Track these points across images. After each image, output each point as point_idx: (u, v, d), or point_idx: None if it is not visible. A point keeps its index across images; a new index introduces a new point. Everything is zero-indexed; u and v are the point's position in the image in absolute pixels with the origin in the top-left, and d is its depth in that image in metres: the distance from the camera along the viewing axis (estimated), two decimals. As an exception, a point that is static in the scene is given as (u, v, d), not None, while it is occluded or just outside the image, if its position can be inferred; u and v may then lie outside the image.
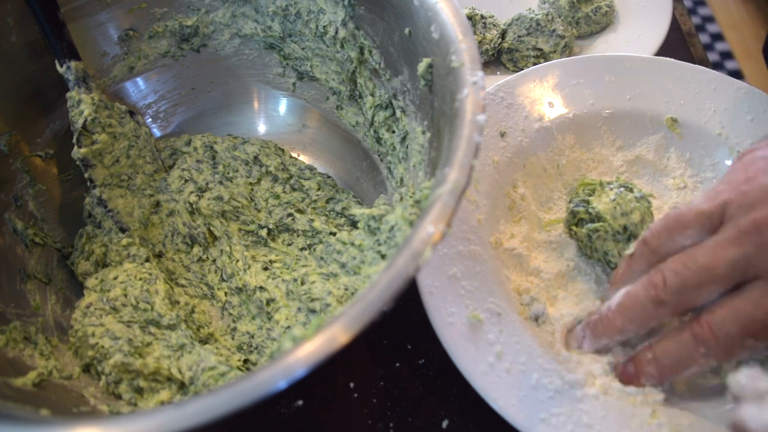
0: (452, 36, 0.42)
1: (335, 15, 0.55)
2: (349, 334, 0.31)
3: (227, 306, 0.55)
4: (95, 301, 0.52)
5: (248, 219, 0.59)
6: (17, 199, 0.55)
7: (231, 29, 0.63)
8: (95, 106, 0.56)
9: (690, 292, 0.41)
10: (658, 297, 0.42)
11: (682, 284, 0.41)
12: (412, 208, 0.41)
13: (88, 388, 0.47)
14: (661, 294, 0.42)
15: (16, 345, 0.47)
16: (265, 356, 0.51)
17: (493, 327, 0.47)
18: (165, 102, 0.65)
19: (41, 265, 0.54)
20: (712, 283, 0.40)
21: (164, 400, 0.47)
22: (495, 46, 0.76)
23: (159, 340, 0.50)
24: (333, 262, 0.52)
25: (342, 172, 0.64)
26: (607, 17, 0.78)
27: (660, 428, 0.43)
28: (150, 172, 0.61)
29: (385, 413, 0.50)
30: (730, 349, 0.40)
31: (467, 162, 0.36)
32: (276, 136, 0.66)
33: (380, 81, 0.55)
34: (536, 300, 0.51)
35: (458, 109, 0.39)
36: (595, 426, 0.43)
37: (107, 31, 0.60)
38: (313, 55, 0.61)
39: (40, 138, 0.57)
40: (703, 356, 0.41)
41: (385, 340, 0.53)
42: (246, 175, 0.61)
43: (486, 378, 0.44)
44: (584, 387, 0.45)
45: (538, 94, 0.59)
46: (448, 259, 0.49)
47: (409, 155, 0.50)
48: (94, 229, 0.58)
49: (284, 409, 0.50)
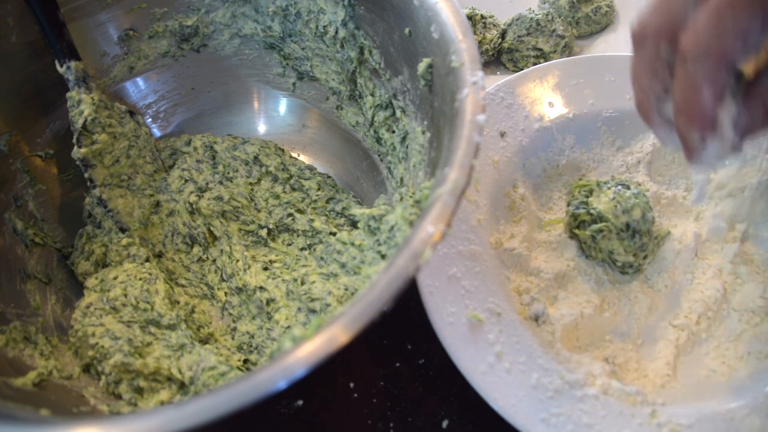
0: (452, 36, 0.42)
1: (335, 15, 0.55)
2: (349, 334, 0.31)
3: (227, 306, 0.55)
4: (95, 301, 0.52)
5: (248, 219, 0.59)
6: (17, 199, 0.55)
7: (231, 29, 0.63)
8: (95, 106, 0.56)
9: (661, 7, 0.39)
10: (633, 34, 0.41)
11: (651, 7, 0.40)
12: (412, 208, 0.41)
13: (88, 388, 0.47)
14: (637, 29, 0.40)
15: (16, 345, 0.47)
16: (265, 356, 0.51)
17: (493, 327, 0.47)
18: (165, 102, 0.65)
19: (41, 265, 0.54)
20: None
21: (164, 400, 0.47)
22: (495, 46, 0.76)
23: (159, 340, 0.50)
24: (333, 262, 0.52)
25: (342, 172, 0.64)
26: (607, 17, 0.78)
27: (660, 428, 0.43)
28: (150, 172, 0.61)
29: (385, 413, 0.50)
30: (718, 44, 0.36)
31: (467, 162, 0.36)
32: (276, 136, 0.66)
33: (380, 81, 0.55)
34: (536, 300, 0.51)
35: (458, 109, 0.39)
36: (595, 426, 0.43)
37: (107, 31, 0.60)
38: (313, 55, 0.61)
39: (40, 138, 0.57)
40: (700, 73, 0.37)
41: (385, 340, 0.53)
42: (246, 175, 0.61)
43: (486, 378, 0.44)
44: (584, 387, 0.45)
45: (538, 94, 0.59)
46: (448, 259, 0.49)
47: (409, 155, 0.50)
48: (94, 229, 0.58)
49: (284, 409, 0.50)
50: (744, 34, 0.35)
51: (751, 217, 0.54)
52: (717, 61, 0.37)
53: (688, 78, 0.38)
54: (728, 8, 0.35)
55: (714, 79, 0.37)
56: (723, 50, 0.36)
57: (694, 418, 0.44)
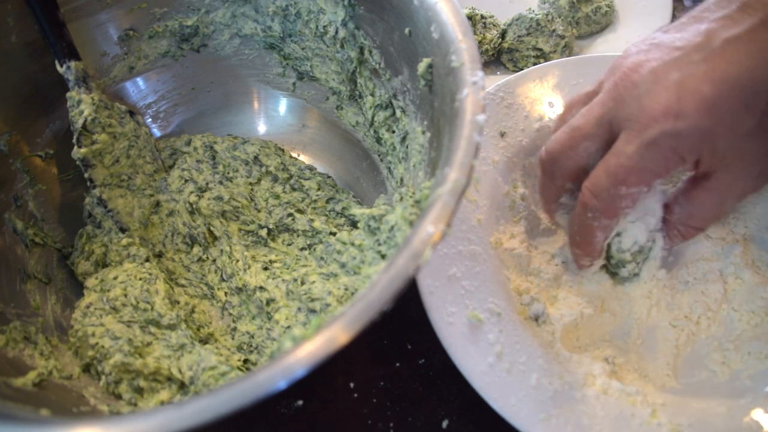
0: (452, 36, 0.42)
1: (335, 15, 0.55)
2: (349, 334, 0.31)
3: (227, 306, 0.55)
4: (95, 301, 0.52)
5: (248, 219, 0.59)
6: (17, 199, 0.55)
7: (231, 29, 0.63)
8: (95, 106, 0.56)
9: (568, 152, 0.46)
10: (541, 161, 0.48)
11: (561, 146, 0.46)
12: (412, 208, 0.41)
13: (88, 388, 0.47)
14: (542, 156, 0.48)
15: (16, 345, 0.47)
16: (265, 356, 0.51)
17: (493, 327, 0.47)
18: (165, 102, 0.65)
19: (41, 265, 0.54)
20: (584, 139, 0.45)
21: (164, 400, 0.47)
22: (495, 46, 0.76)
23: (159, 340, 0.50)
24: (333, 262, 0.52)
25: (342, 172, 0.64)
26: (607, 17, 0.78)
27: (660, 428, 0.43)
28: (150, 172, 0.61)
29: (385, 413, 0.50)
30: (610, 202, 0.44)
31: (467, 162, 0.36)
32: (276, 136, 0.66)
33: (380, 81, 0.55)
34: (536, 300, 0.51)
35: (458, 109, 0.39)
36: (595, 426, 0.43)
37: (107, 31, 0.60)
38: (313, 55, 0.61)
39: (40, 138, 0.57)
40: (593, 219, 0.46)
41: (385, 340, 0.53)
42: (246, 175, 0.61)
43: (486, 378, 0.44)
44: (584, 387, 0.45)
45: (538, 94, 0.59)
46: (448, 259, 0.49)
47: (409, 155, 0.50)
48: (94, 229, 0.58)
49: (284, 409, 0.50)
50: (633, 199, 0.44)
51: (751, 218, 0.54)
52: (610, 217, 0.46)
53: (585, 223, 0.46)
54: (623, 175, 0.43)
55: (605, 227, 0.47)
56: (616, 210, 0.45)
57: (694, 418, 0.44)
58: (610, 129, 0.44)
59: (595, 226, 0.46)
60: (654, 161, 0.42)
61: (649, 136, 0.41)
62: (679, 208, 0.47)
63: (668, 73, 0.41)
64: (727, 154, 0.42)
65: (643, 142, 0.41)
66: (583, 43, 0.79)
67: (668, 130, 0.40)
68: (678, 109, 0.40)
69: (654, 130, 0.41)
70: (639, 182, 0.43)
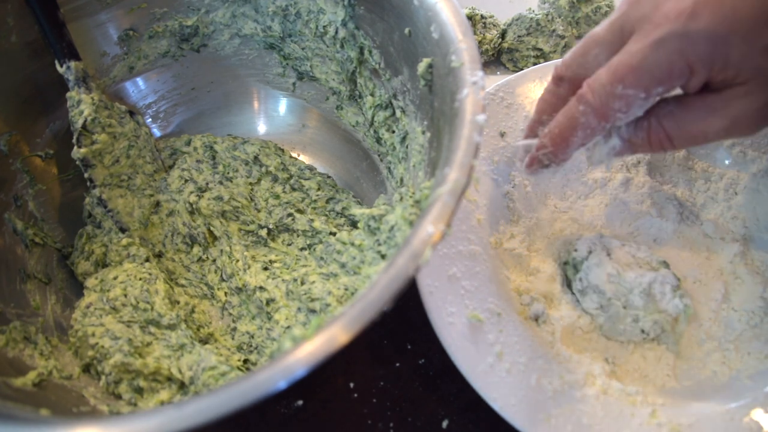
0: (452, 36, 0.42)
1: (335, 15, 0.55)
2: (349, 334, 0.31)
3: (227, 306, 0.55)
4: (95, 301, 0.52)
5: (248, 219, 0.59)
6: (17, 199, 0.55)
7: (231, 29, 0.63)
8: (95, 106, 0.56)
9: (578, 59, 0.45)
10: (555, 69, 0.46)
11: (573, 53, 0.45)
12: (412, 208, 0.41)
13: (88, 388, 0.47)
14: (558, 69, 0.46)
15: (16, 345, 0.47)
16: (265, 356, 0.51)
17: (493, 327, 0.47)
18: (165, 102, 0.65)
19: (41, 265, 0.54)
20: (596, 45, 0.43)
21: (164, 400, 0.47)
22: (495, 46, 0.76)
23: (159, 340, 0.50)
24: (333, 262, 0.52)
25: (342, 172, 0.64)
26: (606, 17, 0.78)
27: (660, 428, 0.43)
28: (150, 172, 0.61)
29: (385, 413, 0.50)
30: (605, 100, 0.41)
31: (467, 162, 0.36)
32: (276, 136, 0.66)
33: (380, 81, 0.55)
34: (536, 300, 0.51)
35: (458, 109, 0.39)
36: (595, 426, 0.43)
37: (107, 31, 0.60)
38: (313, 55, 0.61)
39: (40, 138, 0.57)
40: (582, 114, 0.42)
41: (385, 340, 0.53)
42: (246, 175, 0.61)
43: (486, 378, 0.44)
44: (584, 387, 0.45)
45: (538, 94, 0.59)
46: (448, 259, 0.49)
47: (409, 155, 0.50)
48: (94, 229, 0.58)
49: (284, 409, 0.50)
50: (628, 102, 0.41)
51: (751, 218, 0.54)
52: (599, 117, 0.42)
53: (572, 115, 0.43)
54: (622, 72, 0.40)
55: (591, 128, 0.43)
56: (607, 110, 0.41)
57: (694, 418, 0.44)
58: (621, 34, 0.42)
59: (581, 122, 0.43)
60: (658, 63, 0.39)
61: (658, 35, 0.39)
62: (664, 111, 0.43)
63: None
64: (742, 69, 0.39)
65: (650, 41, 0.39)
66: (583, 43, 0.79)
67: (679, 29, 0.38)
68: (693, 11, 0.37)
69: (664, 29, 0.38)
70: (637, 84, 0.40)
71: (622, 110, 0.41)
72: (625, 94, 0.40)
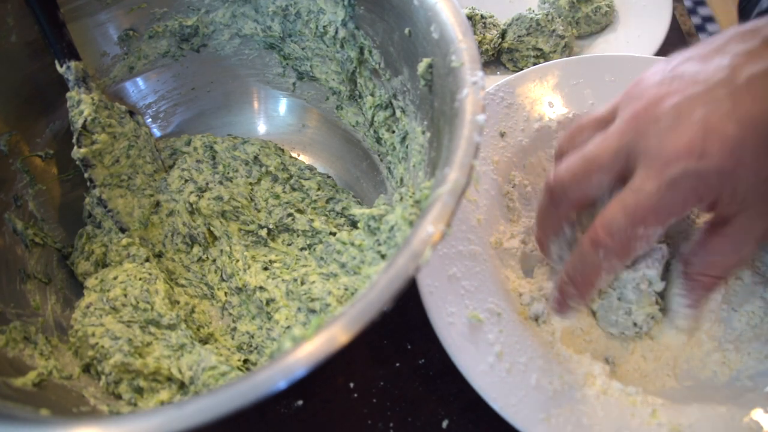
0: (452, 36, 0.42)
1: (335, 15, 0.55)
2: (349, 334, 0.31)
3: (227, 306, 0.55)
4: (95, 301, 0.52)
5: (248, 219, 0.59)
6: (17, 199, 0.55)
7: (231, 29, 0.63)
8: (95, 106, 0.56)
9: (580, 183, 0.44)
10: (549, 187, 0.46)
11: (573, 175, 0.44)
12: (412, 208, 0.41)
13: (88, 388, 0.47)
14: (551, 183, 0.45)
15: (16, 345, 0.47)
16: (265, 356, 0.51)
17: (493, 327, 0.47)
18: (165, 102, 0.65)
19: (41, 265, 0.54)
20: (599, 171, 0.43)
21: (164, 400, 0.47)
22: (495, 46, 0.76)
23: (159, 340, 0.50)
24: (333, 262, 0.52)
25: (342, 172, 0.64)
26: (607, 17, 0.78)
27: (660, 428, 0.43)
28: (150, 172, 0.61)
29: (385, 413, 0.50)
30: (625, 243, 0.42)
31: (467, 162, 0.36)
32: (276, 136, 0.66)
33: (380, 81, 0.55)
34: (536, 300, 0.51)
35: (458, 109, 0.39)
36: (595, 426, 0.43)
37: (107, 31, 0.60)
38: (313, 55, 0.61)
39: (40, 138, 0.57)
40: (604, 259, 0.43)
41: (385, 340, 0.53)
42: (246, 175, 0.61)
43: (486, 378, 0.44)
44: (584, 387, 0.45)
45: (538, 94, 0.59)
46: (448, 259, 0.49)
47: (409, 155, 0.50)
48: (94, 229, 0.58)
49: (284, 409, 0.50)
50: (648, 239, 0.42)
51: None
52: (622, 257, 0.44)
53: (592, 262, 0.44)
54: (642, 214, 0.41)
55: (614, 268, 0.45)
56: (630, 250, 0.43)
57: (694, 418, 0.44)
58: (626, 162, 0.42)
59: (604, 266, 0.44)
60: (673, 200, 0.40)
61: (671, 175, 0.39)
62: (697, 260, 0.45)
63: (692, 110, 0.39)
64: (748, 196, 0.40)
65: (665, 181, 0.40)
66: (583, 43, 0.79)
67: (691, 169, 0.39)
68: (702, 148, 0.38)
69: (676, 168, 0.39)
70: (657, 222, 0.41)
71: (643, 247, 0.43)
72: (646, 234, 0.42)
